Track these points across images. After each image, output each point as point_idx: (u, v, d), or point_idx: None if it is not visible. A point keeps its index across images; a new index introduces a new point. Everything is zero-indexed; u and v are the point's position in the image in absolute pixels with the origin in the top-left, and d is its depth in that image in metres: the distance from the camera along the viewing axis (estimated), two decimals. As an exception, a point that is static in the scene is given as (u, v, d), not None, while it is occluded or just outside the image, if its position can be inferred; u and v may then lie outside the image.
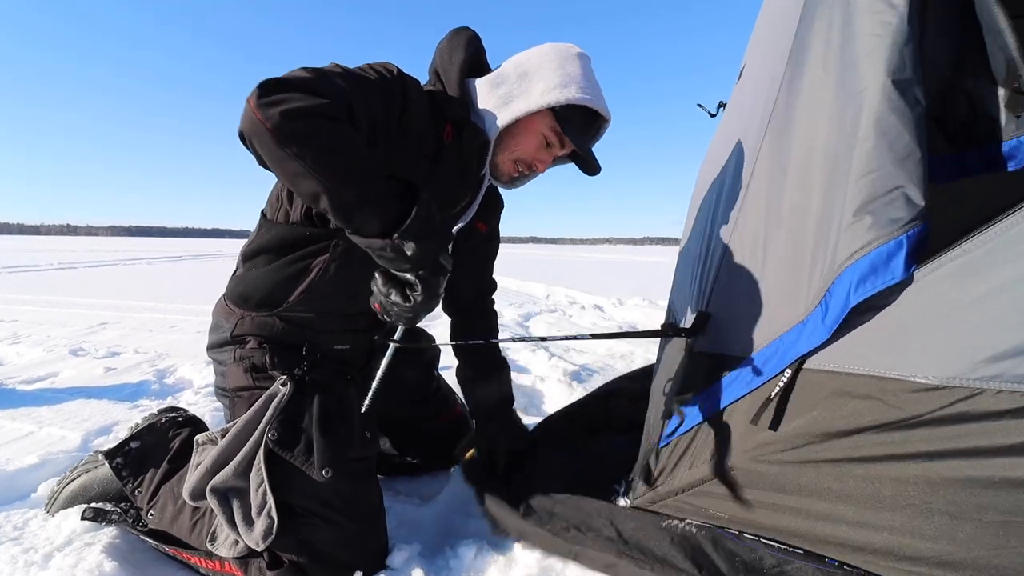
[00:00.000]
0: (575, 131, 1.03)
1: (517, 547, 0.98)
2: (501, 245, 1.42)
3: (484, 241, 1.32)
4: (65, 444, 1.49)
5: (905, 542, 0.73)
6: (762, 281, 0.89)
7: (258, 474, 0.89)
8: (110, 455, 1.06)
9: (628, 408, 1.51)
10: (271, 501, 0.87)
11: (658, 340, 1.81)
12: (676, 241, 1.79)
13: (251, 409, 0.94)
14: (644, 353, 2.95)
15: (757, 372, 0.85)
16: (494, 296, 1.43)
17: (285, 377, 0.97)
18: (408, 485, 1.32)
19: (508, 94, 1.02)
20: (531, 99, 1.00)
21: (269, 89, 0.74)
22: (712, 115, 2.09)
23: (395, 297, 0.83)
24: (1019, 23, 0.78)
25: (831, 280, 0.74)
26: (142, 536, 0.98)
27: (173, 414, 1.19)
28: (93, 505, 1.04)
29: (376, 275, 0.85)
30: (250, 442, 0.92)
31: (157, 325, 3.55)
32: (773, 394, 0.79)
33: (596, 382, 2.30)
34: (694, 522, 0.97)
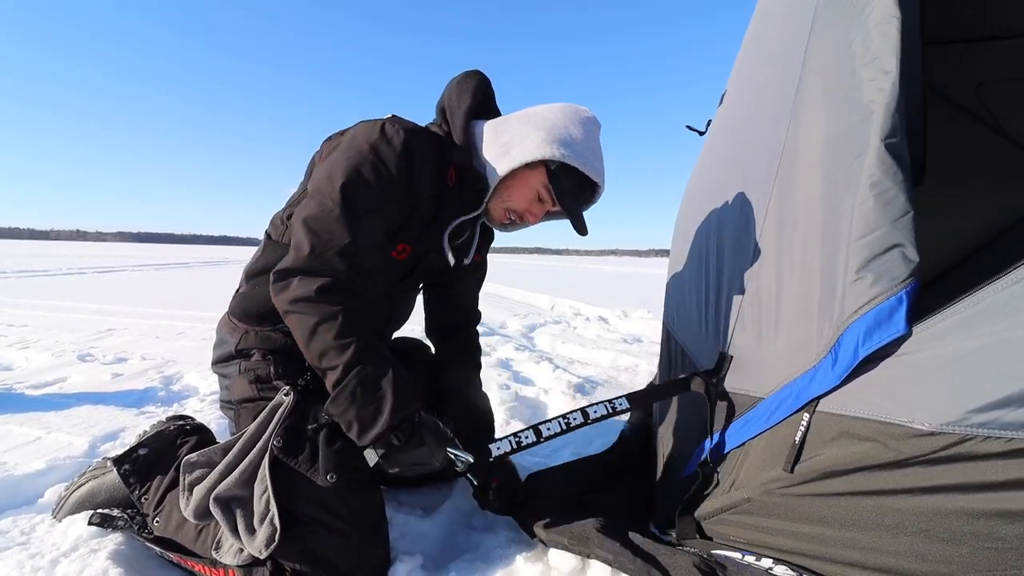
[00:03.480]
0: (564, 191, 1.05)
1: (520, 560, 0.98)
2: (508, 256, 1.43)
3: (474, 270, 1.34)
4: (72, 450, 1.50)
5: (908, 564, 0.77)
6: (777, 327, 0.96)
7: (262, 482, 0.90)
8: (118, 461, 1.07)
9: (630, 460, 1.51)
10: (274, 509, 0.87)
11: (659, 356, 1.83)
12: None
13: (255, 421, 0.96)
14: (648, 367, 2.94)
15: (772, 412, 0.91)
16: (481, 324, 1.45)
17: (288, 387, 0.98)
18: (411, 497, 1.32)
19: (508, 143, 1.04)
20: (526, 150, 1.02)
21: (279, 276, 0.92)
22: (701, 133, 2.13)
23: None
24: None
25: (840, 332, 0.80)
26: (147, 543, 0.98)
27: (181, 422, 1.20)
28: (100, 511, 1.04)
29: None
30: (254, 451, 0.93)
31: (164, 332, 3.58)
32: (798, 439, 0.86)
33: (600, 394, 2.30)
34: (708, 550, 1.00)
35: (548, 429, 1.11)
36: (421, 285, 1.32)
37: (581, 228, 1.08)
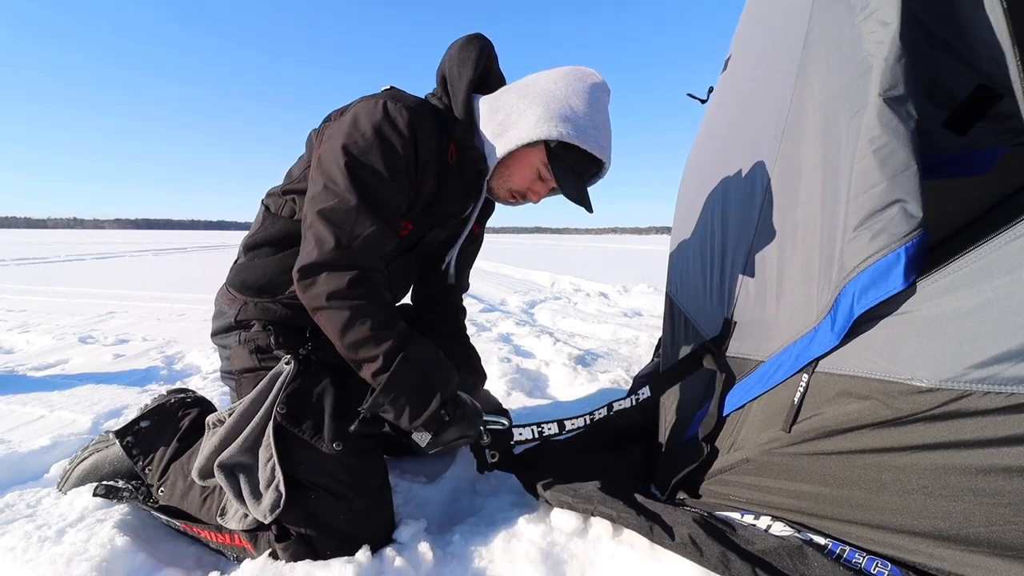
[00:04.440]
0: (564, 171, 1.00)
1: (522, 521, 0.99)
2: (507, 235, 1.43)
3: (471, 242, 1.32)
4: (76, 427, 1.51)
5: (906, 521, 0.78)
6: (779, 291, 0.97)
7: (267, 449, 0.90)
8: (120, 434, 1.07)
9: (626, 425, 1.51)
10: (279, 475, 0.88)
11: (660, 330, 1.83)
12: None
13: (256, 388, 0.95)
14: (649, 339, 2.95)
15: (773, 374, 0.92)
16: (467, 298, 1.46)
17: (289, 356, 0.98)
18: (414, 465, 1.33)
19: (504, 122, 1.01)
20: (522, 131, 0.98)
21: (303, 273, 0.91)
22: (703, 101, 2.09)
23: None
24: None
25: (837, 292, 0.80)
26: (153, 512, 0.99)
27: (182, 395, 1.20)
28: (105, 483, 1.05)
29: None
30: (256, 418, 0.93)
31: (165, 314, 3.58)
32: (796, 399, 0.86)
33: (601, 366, 2.30)
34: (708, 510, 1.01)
35: (572, 424, 1.12)
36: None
37: (585, 207, 1.05)
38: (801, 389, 0.87)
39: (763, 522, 0.96)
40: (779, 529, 0.94)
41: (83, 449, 1.14)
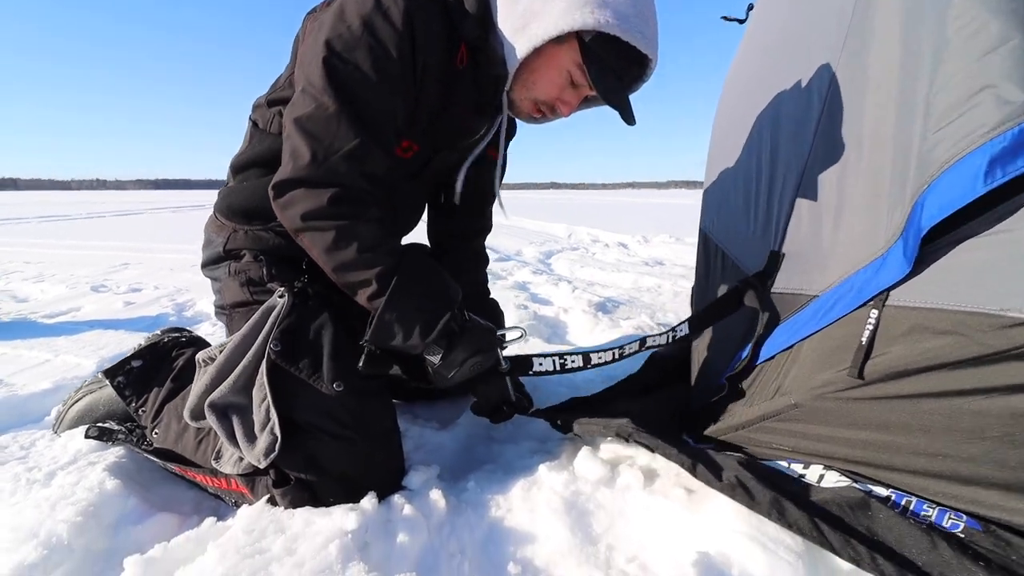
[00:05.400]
0: (603, 71, 0.83)
1: (543, 469, 0.90)
2: (521, 191, 1.28)
3: (490, 168, 1.17)
4: (80, 371, 1.46)
5: (984, 471, 0.68)
6: (840, 214, 0.84)
7: (260, 389, 0.82)
8: (111, 373, 1.00)
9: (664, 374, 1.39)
10: (275, 417, 0.79)
11: (685, 279, 1.69)
12: (701, 184, 1.62)
13: (248, 323, 0.86)
14: (672, 287, 2.81)
15: (829, 309, 0.81)
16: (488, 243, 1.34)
17: (283, 289, 0.88)
18: (427, 410, 1.25)
19: (527, 12, 0.83)
20: (550, 21, 0.80)
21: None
22: (741, 22, 1.89)
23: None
24: None
25: (910, 208, 0.69)
26: (147, 455, 0.93)
27: (176, 334, 1.13)
28: (98, 424, 0.99)
29: None
30: (248, 356, 0.84)
31: (179, 264, 3.55)
32: (866, 337, 0.74)
33: (623, 313, 2.19)
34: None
35: (599, 357, 1.01)
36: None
37: (628, 116, 0.89)
38: (871, 325, 0.75)
39: (813, 472, 0.86)
40: (833, 479, 0.84)
41: (77, 390, 1.08)
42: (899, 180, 0.74)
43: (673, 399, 1.21)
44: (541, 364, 0.97)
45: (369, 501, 0.79)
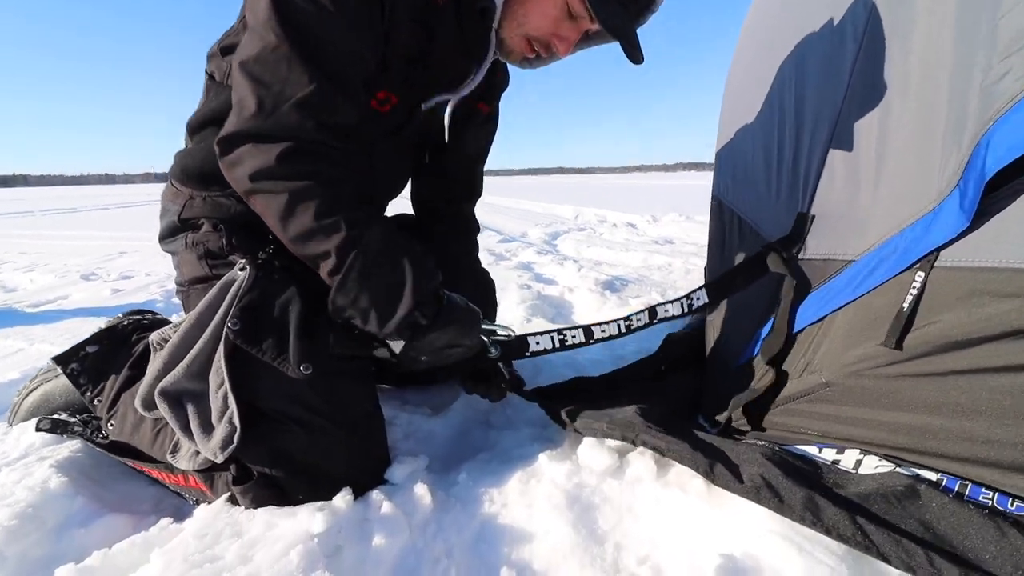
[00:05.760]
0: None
1: (543, 459, 0.80)
2: (526, 176, 1.15)
3: (483, 123, 1.06)
4: (52, 360, 1.38)
5: None
6: (882, 166, 0.74)
7: (218, 374, 0.72)
8: (63, 360, 0.90)
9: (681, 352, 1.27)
10: (233, 405, 0.69)
11: (697, 257, 1.57)
12: (711, 167, 1.48)
13: (203, 300, 0.76)
14: (683, 264, 2.68)
15: (869, 275, 0.72)
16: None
17: (245, 260, 0.77)
18: (419, 395, 1.15)
19: None
20: None
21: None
22: None
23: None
24: None
25: (970, 150, 0.60)
26: (100, 450, 0.83)
27: (138, 316, 1.03)
28: (50, 416, 0.90)
29: None
30: (205, 336, 0.74)
31: (174, 252, 3.47)
32: (907, 304, 0.65)
33: (632, 291, 2.07)
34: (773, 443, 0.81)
35: (603, 331, 0.89)
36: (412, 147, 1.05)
37: (634, 52, 0.78)
38: (914, 290, 0.65)
39: (849, 457, 0.76)
40: (872, 465, 0.73)
41: (32, 379, 0.99)
42: (956, 120, 0.63)
43: (689, 383, 1.09)
44: (538, 343, 0.86)
45: (343, 498, 0.69)
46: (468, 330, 0.78)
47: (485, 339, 0.81)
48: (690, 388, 1.08)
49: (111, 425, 0.85)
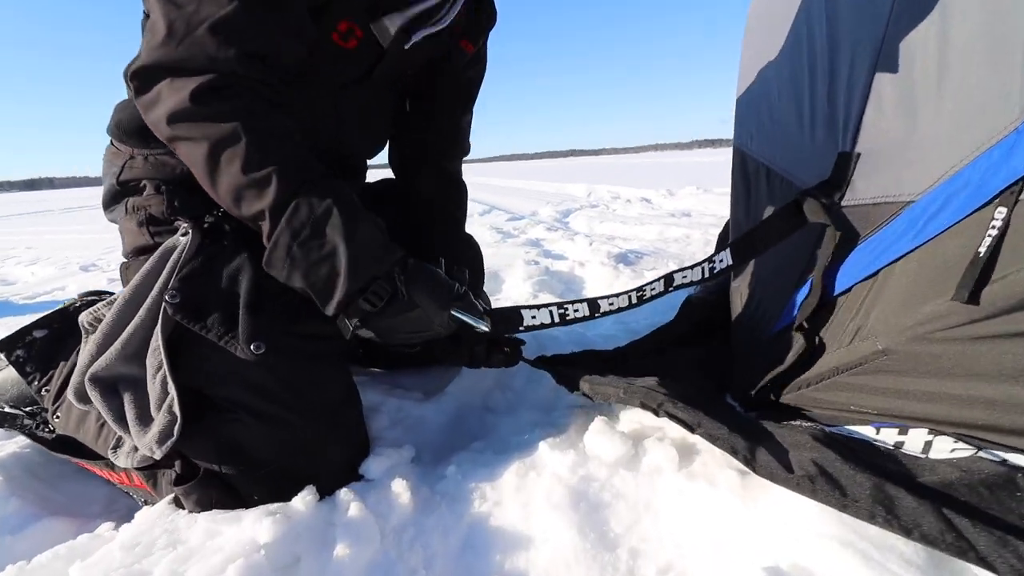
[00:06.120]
0: None
1: (544, 448, 0.68)
2: (539, 160, 1.00)
3: (469, 64, 0.92)
4: (31, 350, 1.30)
5: None
6: (943, 84, 0.62)
7: (155, 355, 0.61)
8: (7, 346, 0.81)
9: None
10: (173, 391, 0.59)
11: (716, 228, 1.41)
12: (730, 143, 1.30)
13: (140, 271, 0.65)
14: (702, 236, 2.52)
15: (933, 216, 0.59)
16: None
17: (188, 225, 0.66)
18: (413, 379, 1.03)
19: None
20: None
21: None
22: None
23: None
24: None
25: None
26: (44, 446, 0.74)
27: (94, 297, 0.93)
28: (-3, 409, 0.81)
29: None
30: (141, 312, 0.63)
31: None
32: (984, 249, 0.53)
33: (648, 264, 1.93)
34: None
35: (611, 304, 0.76)
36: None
37: None
38: (994, 230, 0.53)
39: (916, 439, 0.63)
40: (946, 448, 0.60)
41: (-16, 369, 0.90)
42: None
43: (715, 356, 0.96)
44: (535, 317, 0.74)
45: (303, 499, 0.58)
46: (433, 316, 0.64)
47: (465, 318, 0.67)
48: (718, 362, 0.95)
49: (57, 417, 0.75)
